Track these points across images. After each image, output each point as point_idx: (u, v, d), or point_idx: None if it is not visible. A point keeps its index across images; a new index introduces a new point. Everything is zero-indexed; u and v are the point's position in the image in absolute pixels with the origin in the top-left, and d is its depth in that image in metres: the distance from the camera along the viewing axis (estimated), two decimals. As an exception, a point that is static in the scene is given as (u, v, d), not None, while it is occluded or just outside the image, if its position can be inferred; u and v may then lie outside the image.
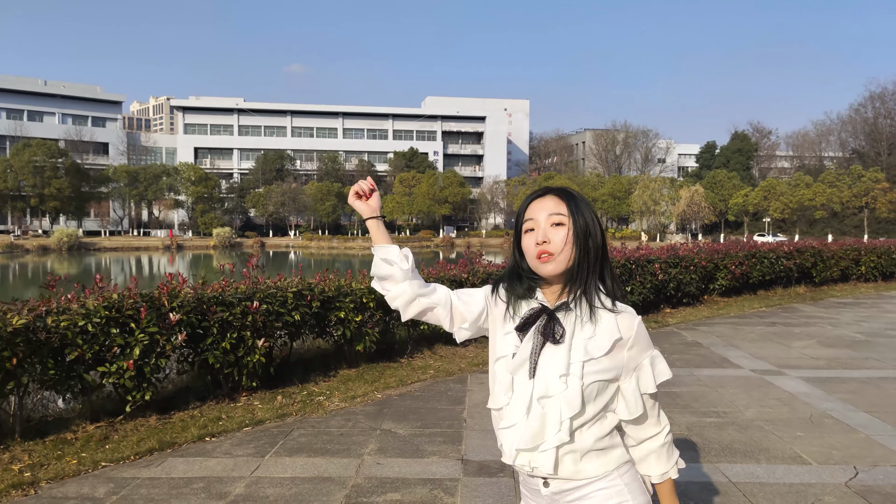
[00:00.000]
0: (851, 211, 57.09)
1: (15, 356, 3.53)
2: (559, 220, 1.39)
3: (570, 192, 1.44)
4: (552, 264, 1.38)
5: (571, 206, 1.41)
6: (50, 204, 55.11)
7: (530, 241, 1.41)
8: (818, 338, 7.97)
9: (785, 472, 3.67)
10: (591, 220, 1.41)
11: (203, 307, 4.50)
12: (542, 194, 1.45)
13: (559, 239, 1.38)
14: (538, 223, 1.40)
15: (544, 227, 1.40)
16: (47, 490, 3.31)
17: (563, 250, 1.38)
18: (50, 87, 67.72)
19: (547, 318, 1.40)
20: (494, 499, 3.30)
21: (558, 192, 1.44)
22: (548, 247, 1.38)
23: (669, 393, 5.31)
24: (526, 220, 1.42)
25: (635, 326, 1.42)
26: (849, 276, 14.12)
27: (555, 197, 1.42)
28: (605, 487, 1.39)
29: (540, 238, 1.39)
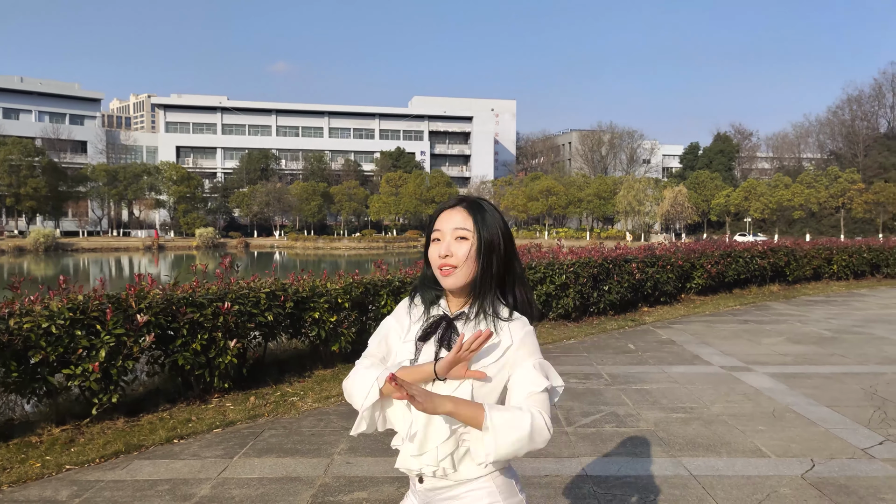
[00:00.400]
0: (829, 211, 58.23)
1: (-24, 359, 3.49)
2: (463, 235, 1.43)
3: (479, 205, 1.46)
4: (452, 278, 1.42)
5: (478, 220, 1.43)
6: (26, 204, 54.02)
7: (435, 252, 1.45)
8: (787, 335, 8.15)
9: (744, 464, 3.77)
10: (497, 235, 1.44)
11: (172, 308, 4.48)
12: (452, 205, 1.47)
13: (462, 253, 1.42)
14: (444, 235, 1.44)
15: (449, 240, 1.43)
16: (9, 493, 3.28)
17: (464, 264, 1.41)
18: (27, 84, 66.39)
19: (446, 325, 1.45)
20: (459, 495, 3.34)
21: (468, 205, 1.46)
22: (450, 260, 1.42)
23: (641, 390, 5.41)
24: (434, 230, 1.46)
25: (522, 332, 1.43)
26: (821, 275, 14.44)
27: (463, 210, 1.45)
28: (475, 489, 1.42)
29: (443, 251, 1.42)
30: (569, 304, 8.56)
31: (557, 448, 4.05)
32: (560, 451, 4.01)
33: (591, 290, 8.93)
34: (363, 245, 54.54)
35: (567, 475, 3.63)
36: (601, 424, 4.52)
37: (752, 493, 3.37)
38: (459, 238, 1.42)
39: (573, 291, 8.55)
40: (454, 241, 1.43)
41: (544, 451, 3.99)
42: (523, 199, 62.39)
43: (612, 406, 4.97)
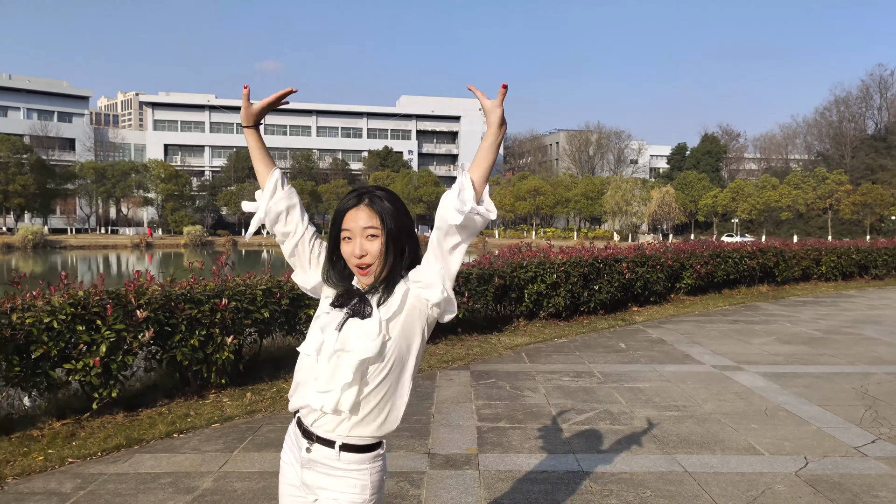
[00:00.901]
0: (816, 212, 59.03)
1: (-24, 354, 3.48)
2: (373, 233, 1.51)
3: (379, 199, 1.53)
4: (371, 275, 1.53)
5: (384, 217, 1.51)
6: (14, 201, 53.26)
7: (349, 251, 1.53)
8: (777, 335, 8.29)
9: (738, 462, 3.85)
10: (401, 223, 1.53)
11: (171, 304, 4.49)
12: (355, 204, 1.53)
13: (375, 251, 1.51)
14: (354, 234, 1.52)
15: (360, 239, 1.51)
16: (13, 485, 3.28)
17: (378, 259, 1.51)
18: (14, 81, 65.42)
19: (359, 299, 1.53)
20: (459, 490, 3.39)
21: (370, 201, 1.52)
22: (366, 259, 1.51)
23: (633, 389, 5.49)
24: (343, 229, 1.53)
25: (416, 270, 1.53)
26: (810, 276, 14.67)
27: (367, 209, 1.52)
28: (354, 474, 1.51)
29: (358, 252, 1.50)
30: (559, 304, 8.64)
31: (553, 444, 4.12)
32: (555, 447, 4.07)
33: (582, 290, 9.02)
34: (351, 243, 54.31)
35: (563, 471, 3.70)
36: (595, 422, 4.59)
37: (746, 490, 3.45)
38: (369, 236, 1.50)
39: (564, 290, 8.63)
40: (365, 240, 1.50)
41: (539, 447, 4.06)
42: (511, 199, 62.59)
43: (606, 404, 5.04)
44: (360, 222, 1.50)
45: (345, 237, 1.53)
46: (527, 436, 4.26)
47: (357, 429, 1.50)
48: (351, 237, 1.51)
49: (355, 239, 1.51)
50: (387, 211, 1.52)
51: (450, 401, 5.03)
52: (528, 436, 4.26)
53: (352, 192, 1.57)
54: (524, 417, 4.65)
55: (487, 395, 5.20)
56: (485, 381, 5.68)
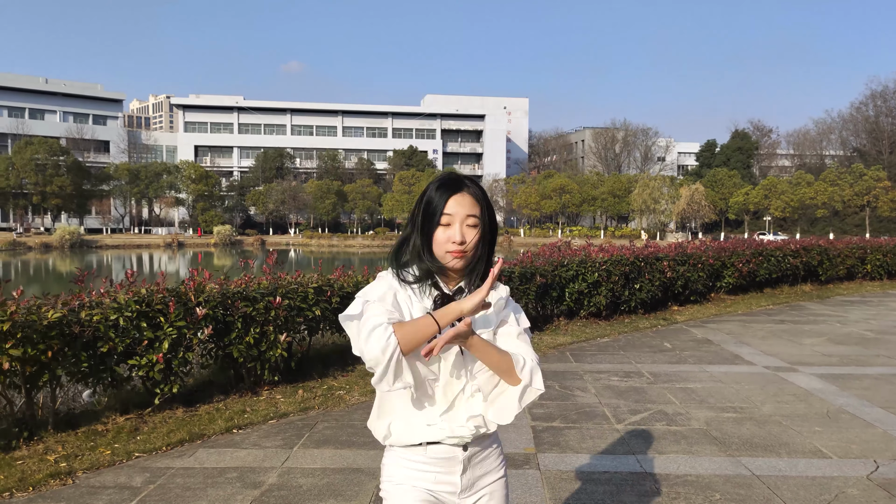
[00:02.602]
0: (853, 210, 57.18)
1: (50, 349, 3.58)
2: (474, 223, 1.46)
3: (483, 191, 1.51)
4: (463, 262, 1.46)
5: (483, 208, 1.48)
6: (52, 201, 55.09)
7: (445, 236, 1.45)
8: (828, 335, 8.03)
9: (807, 465, 3.73)
10: (494, 218, 1.52)
11: (228, 302, 4.55)
12: (458, 189, 1.47)
13: (474, 240, 1.46)
14: (455, 220, 1.45)
15: (461, 226, 1.45)
16: (84, 479, 3.37)
17: (472, 250, 1.47)
18: (51, 86, 67.62)
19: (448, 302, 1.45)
20: (523, 489, 3.36)
21: (474, 191, 1.49)
22: (466, 246, 1.45)
23: (685, 389, 5.38)
24: (444, 213, 1.45)
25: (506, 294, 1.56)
26: (854, 275, 14.20)
27: (470, 196, 1.47)
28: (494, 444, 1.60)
29: (458, 238, 1.44)
30: (600, 302, 8.53)
31: (611, 445, 4.05)
32: (614, 448, 4.01)
33: (623, 289, 8.88)
34: (376, 243, 54.87)
35: (625, 472, 3.63)
36: (651, 422, 4.50)
37: (819, 494, 3.34)
38: (469, 225, 1.45)
39: (605, 289, 8.52)
40: (466, 227, 1.45)
41: (599, 448, 3.99)
42: (536, 198, 62.14)
43: (659, 404, 4.94)
44: (464, 209, 1.45)
45: (444, 223, 1.45)
46: (583, 436, 4.20)
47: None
48: (451, 223, 1.45)
49: (455, 224, 1.44)
50: (488, 205, 1.50)
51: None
52: (585, 436, 4.20)
53: (447, 178, 1.50)
54: (578, 417, 4.58)
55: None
56: (532, 380, 5.63)
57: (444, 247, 1.45)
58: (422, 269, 1.48)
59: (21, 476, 3.32)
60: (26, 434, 3.76)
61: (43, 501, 3.12)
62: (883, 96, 66.00)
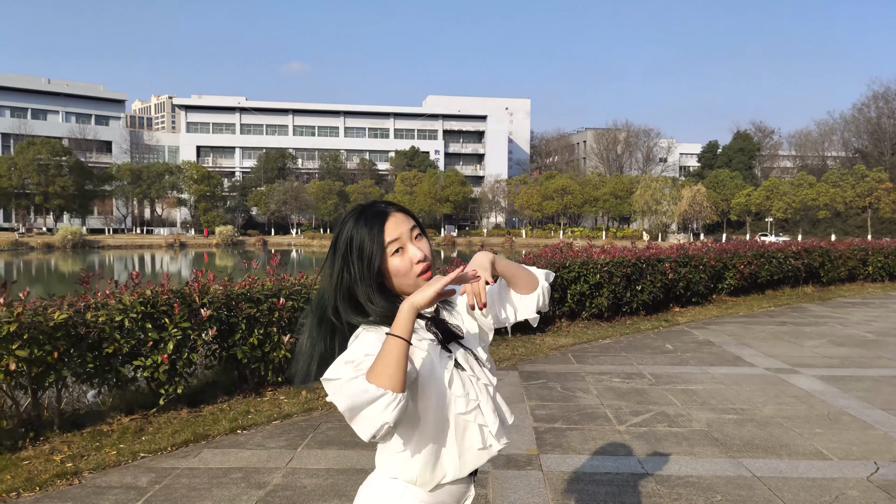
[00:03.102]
0: (855, 211, 57.10)
1: (56, 350, 3.62)
2: (418, 232, 1.36)
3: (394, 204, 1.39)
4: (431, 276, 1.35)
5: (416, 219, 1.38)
6: (54, 202, 55.21)
7: (405, 261, 1.33)
8: (829, 337, 8.04)
9: (807, 467, 3.75)
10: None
11: (232, 303, 4.59)
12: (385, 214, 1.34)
13: (429, 250, 1.37)
14: (404, 241, 1.33)
15: (412, 244, 1.34)
16: (90, 479, 3.40)
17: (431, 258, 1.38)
18: (53, 86, 67.79)
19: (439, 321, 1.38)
20: (525, 490, 3.38)
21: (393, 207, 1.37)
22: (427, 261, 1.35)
23: (686, 391, 5.40)
24: (390, 242, 1.32)
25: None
26: (856, 276, 14.20)
27: (398, 213, 1.36)
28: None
29: (420, 255, 1.33)
30: (602, 304, 8.54)
31: (613, 446, 4.07)
32: (616, 449, 4.03)
33: (624, 290, 8.90)
34: (379, 243, 54.69)
35: (627, 473, 3.65)
36: (652, 424, 4.52)
37: (819, 496, 3.35)
38: (416, 237, 1.35)
39: (607, 291, 8.53)
40: (416, 241, 1.35)
41: (600, 448, 4.02)
42: (538, 198, 62.15)
43: (661, 406, 4.96)
44: (404, 226, 1.34)
45: (395, 249, 1.32)
46: (585, 437, 4.22)
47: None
48: (402, 246, 1.33)
49: (407, 245, 1.33)
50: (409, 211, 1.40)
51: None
52: (587, 437, 4.22)
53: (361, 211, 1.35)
54: (580, 418, 4.61)
55: (539, 396, 5.17)
56: (535, 381, 5.65)
57: (410, 273, 1.33)
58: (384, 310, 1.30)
59: (28, 476, 3.35)
60: (32, 434, 3.79)
61: (50, 501, 3.15)
62: (885, 97, 65.96)
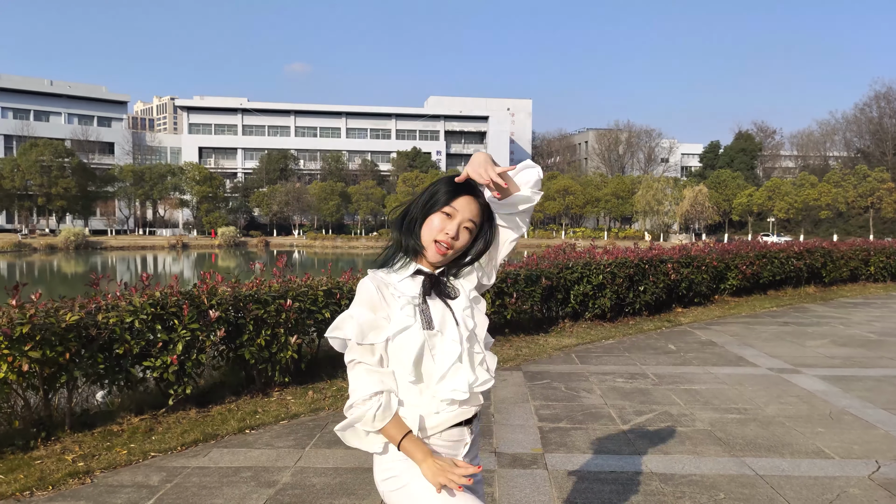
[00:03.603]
0: (857, 211, 57.02)
1: (67, 351, 3.67)
2: (471, 227, 1.51)
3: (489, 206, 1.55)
4: (443, 258, 1.51)
5: (486, 220, 1.54)
6: (57, 203, 55.37)
7: (440, 224, 1.49)
8: (831, 337, 8.08)
9: (809, 465, 3.79)
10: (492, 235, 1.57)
11: (239, 305, 4.64)
12: (473, 192, 1.52)
13: (463, 243, 1.51)
14: (456, 216, 1.49)
15: (459, 224, 1.49)
16: (102, 478, 3.45)
17: (458, 250, 1.52)
18: (56, 87, 68.01)
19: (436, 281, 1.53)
20: (531, 488, 3.43)
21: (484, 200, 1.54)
22: (453, 242, 1.50)
23: (689, 391, 5.43)
24: (451, 205, 1.49)
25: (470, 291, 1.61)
26: (858, 277, 14.22)
27: (479, 204, 1.53)
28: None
29: (453, 232, 1.48)
30: (605, 305, 8.58)
31: (617, 445, 4.11)
32: (620, 448, 4.07)
33: (627, 291, 8.94)
34: (380, 244, 54.37)
35: (631, 471, 3.69)
36: (656, 423, 4.56)
37: (821, 494, 3.39)
38: (466, 228, 1.49)
39: (609, 292, 8.57)
40: (462, 226, 1.49)
41: (605, 448, 4.06)
42: (540, 199, 62.14)
43: (664, 406, 5.00)
44: (468, 212, 1.50)
45: (446, 212, 1.49)
46: (589, 436, 4.27)
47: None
48: (452, 216, 1.49)
49: (454, 220, 1.49)
50: (490, 215, 1.56)
51: (507, 401, 5.06)
52: (591, 436, 4.27)
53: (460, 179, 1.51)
54: (584, 418, 4.65)
55: (544, 396, 5.22)
56: (539, 381, 5.70)
57: (434, 234, 1.49)
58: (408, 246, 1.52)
59: (40, 475, 3.40)
60: (44, 434, 3.84)
61: (63, 500, 3.20)
62: (887, 98, 65.84)
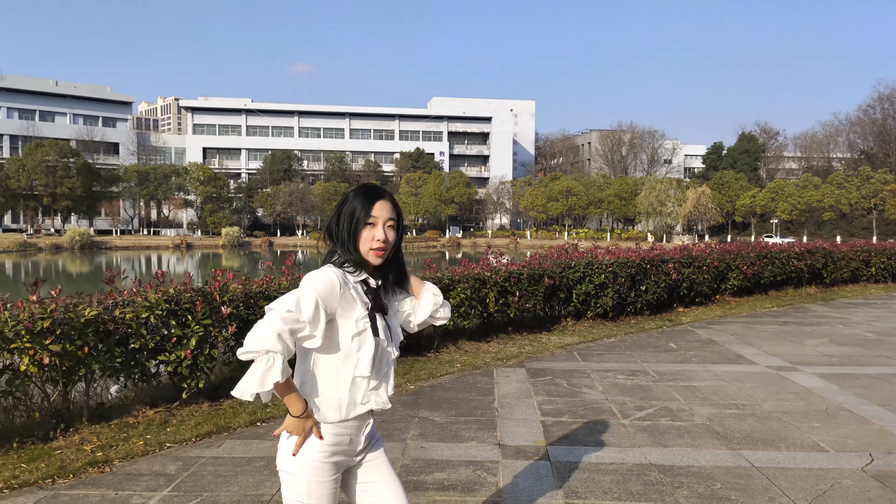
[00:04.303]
0: (860, 212, 56.94)
1: (86, 345, 3.80)
2: (393, 224, 1.75)
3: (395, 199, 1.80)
4: (381, 259, 1.75)
5: (399, 213, 1.77)
6: (62, 203, 55.67)
7: (370, 235, 1.72)
8: (830, 336, 8.17)
9: (804, 458, 3.90)
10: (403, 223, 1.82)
11: (250, 301, 4.77)
12: (381, 196, 1.75)
13: (392, 240, 1.75)
14: (378, 222, 1.73)
15: (382, 227, 1.73)
16: (121, 468, 3.58)
17: (391, 248, 1.77)
18: (61, 88, 68.39)
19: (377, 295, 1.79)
20: (534, 478, 3.55)
21: (390, 198, 1.77)
22: (385, 245, 1.73)
23: (689, 387, 5.55)
24: (371, 216, 1.72)
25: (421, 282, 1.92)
26: (859, 277, 14.29)
27: (389, 203, 1.76)
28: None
29: (381, 236, 1.72)
30: (607, 304, 8.69)
31: (618, 438, 4.23)
32: (621, 441, 4.19)
33: (629, 290, 9.04)
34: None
35: (631, 463, 3.81)
36: (656, 418, 4.68)
37: (815, 484, 3.51)
38: (390, 227, 1.73)
39: (611, 291, 8.68)
40: (387, 229, 1.72)
41: (606, 441, 4.18)
42: (543, 200, 62.27)
43: (664, 401, 5.12)
44: (386, 213, 1.73)
45: (369, 223, 1.71)
46: (591, 430, 4.38)
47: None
48: (375, 224, 1.71)
49: (378, 225, 1.71)
50: (399, 209, 1.80)
51: (510, 396, 5.18)
52: (593, 430, 4.39)
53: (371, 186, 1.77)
54: (586, 413, 4.77)
55: (546, 392, 5.33)
56: (541, 378, 5.82)
57: (368, 244, 1.72)
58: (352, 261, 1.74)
59: (61, 464, 3.54)
60: (62, 426, 3.98)
61: (84, 487, 3.33)
62: (890, 99, 65.68)
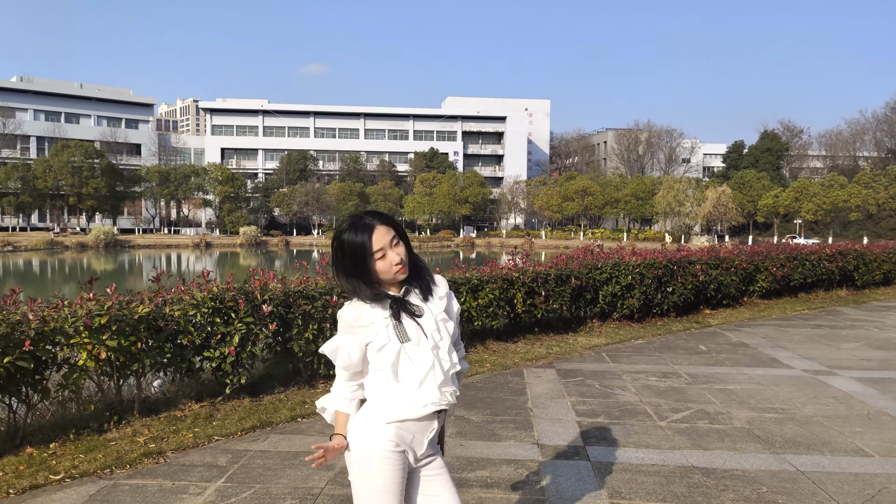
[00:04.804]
0: (888, 213, 55.72)
1: (139, 340, 3.92)
2: (397, 241, 1.86)
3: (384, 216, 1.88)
4: (406, 272, 1.87)
5: (395, 226, 1.87)
6: (87, 203, 56.90)
7: (386, 264, 1.84)
8: (866, 340, 8.04)
9: (850, 462, 3.86)
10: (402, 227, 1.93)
11: (289, 300, 4.85)
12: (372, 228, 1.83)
13: (404, 253, 1.87)
14: (385, 249, 1.84)
15: (391, 251, 1.84)
16: (174, 459, 3.68)
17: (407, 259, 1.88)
18: (86, 90, 69.85)
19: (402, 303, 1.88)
20: (576, 478, 3.56)
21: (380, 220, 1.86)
22: (402, 261, 1.85)
23: (724, 390, 5.51)
24: (375, 252, 1.82)
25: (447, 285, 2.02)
26: (891, 280, 14.01)
27: (382, 226, 1.85)
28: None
29: (397, 259, 1.84)
30: (633, 305, 8.65)
31: (656, 440, 4.23)
32: (660, 443, 4.18)
33: (655, 292, 8.99)
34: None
35: (673, 465, 3.81)
36: (693, 421, 4.66)
37: (862, 489, 3.47)
38: (395, 244, 1.84)
39: (638, 292, 8.63)
40: (395, 248, 1.84)
41: (645, 443, 4.18)
42: (558, 200, 61.95)
43: (700, 404, 5.09)
44: (385, 238, 1.83)
45: (379, 257, 1.82)
46: (628, 431, 4.38)
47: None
48: (384, 253, 1.82)
49: (387, 251, 1.82)
50: (391, 220, 1.89)
51: (543, 396, 5.20)
52: (630, 431, 4.38)
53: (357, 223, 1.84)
54: (621, 414, 4.77)
55: (579, 393, 5.34)
56: (572, 378, 5.82)
57: (390, 271, 1.84)
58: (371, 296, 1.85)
59: (117, 455, 3.65)
60: (116, 418, 4.10)
61: (141, 478, 3.43)
62: (918, 97, 64.17)
